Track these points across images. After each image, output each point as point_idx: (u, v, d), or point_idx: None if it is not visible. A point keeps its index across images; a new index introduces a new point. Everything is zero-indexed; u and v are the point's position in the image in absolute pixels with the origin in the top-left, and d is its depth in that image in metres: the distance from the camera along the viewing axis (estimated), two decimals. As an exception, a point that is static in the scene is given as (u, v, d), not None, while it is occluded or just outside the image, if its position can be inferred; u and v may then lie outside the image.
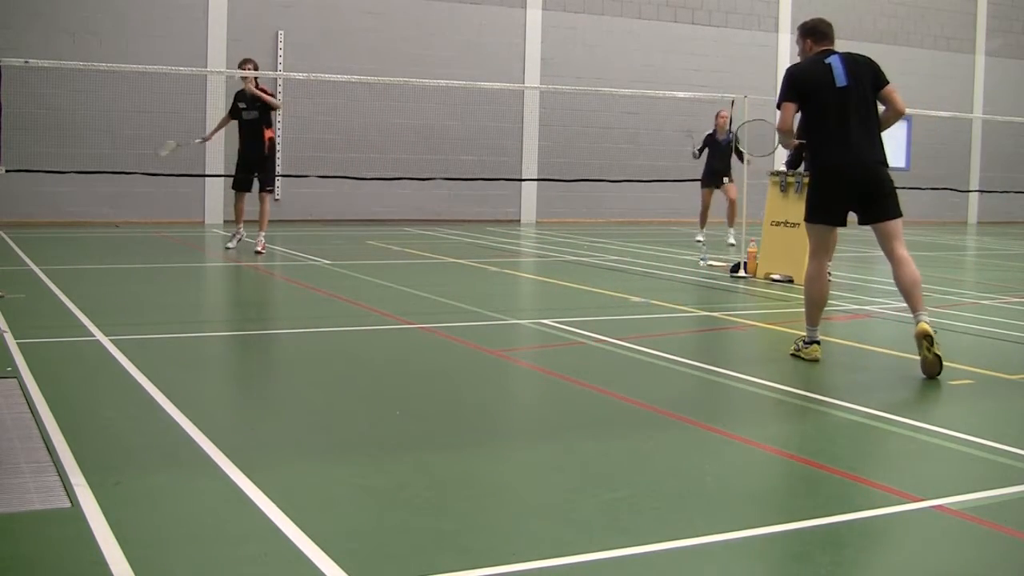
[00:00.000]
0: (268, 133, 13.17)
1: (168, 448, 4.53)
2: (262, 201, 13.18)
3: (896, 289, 6.78)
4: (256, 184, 13.20)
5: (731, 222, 15.96)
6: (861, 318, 9.01)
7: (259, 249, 12.92)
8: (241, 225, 13.38)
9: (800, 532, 3.70)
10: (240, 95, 13.14)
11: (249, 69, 13.05)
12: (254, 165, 13.12)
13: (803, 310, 7.09)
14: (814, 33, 7.06)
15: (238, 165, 13.26)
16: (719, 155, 15.42)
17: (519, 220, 20.55)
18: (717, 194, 16.06)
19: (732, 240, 15.68)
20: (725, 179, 15.41)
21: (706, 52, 22.44)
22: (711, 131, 16.02)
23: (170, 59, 16.75)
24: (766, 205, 11.61)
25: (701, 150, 15.98)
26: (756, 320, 8.72)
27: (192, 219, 17.91)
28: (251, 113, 12.99)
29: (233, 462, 4.25)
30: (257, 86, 13.15)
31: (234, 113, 13.20)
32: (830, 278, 11.40)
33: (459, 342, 7.30)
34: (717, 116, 16.03)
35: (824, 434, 5.20)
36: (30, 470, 4.09)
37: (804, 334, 6.93)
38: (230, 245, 13.31)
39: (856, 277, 12.06)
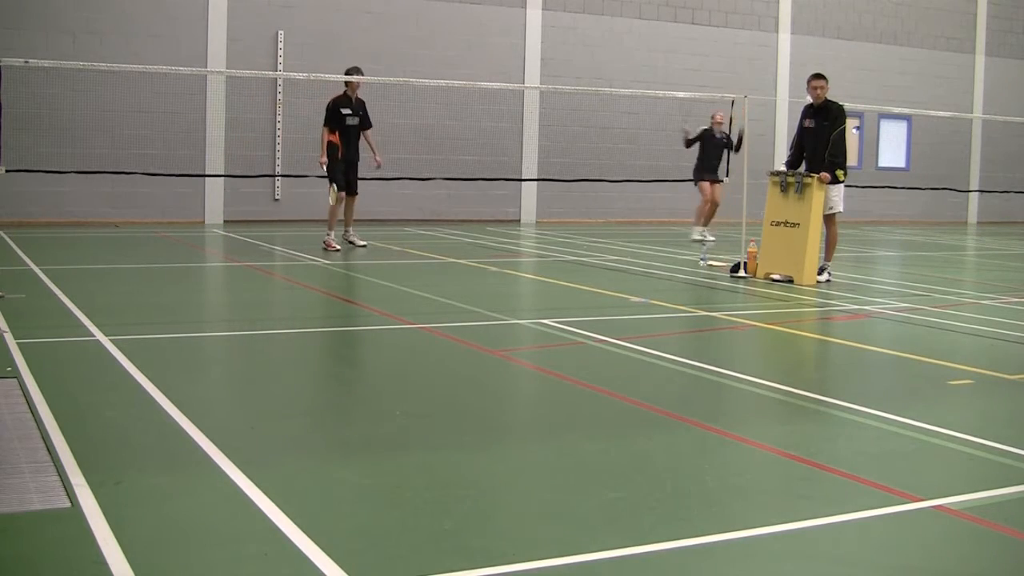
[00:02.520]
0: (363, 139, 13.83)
1: (168, 448, 4.53)
2: (351, 202, 13.96)
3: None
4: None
5: (707, 221, 16.39)
6: (861, 318, 9.02)
7: (359, 243, 13.91)
8: (350, 226, 14.07)
9: (800, 532, 3.70)
10: (344, 102, 13.57)
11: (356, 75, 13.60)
12: (348, 169, 13.67)
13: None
14: None
15: (344, 170, 13.64)
16: (713, 152, 16.11)
17: (519, 220, 20.55)
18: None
19: (700, 236, 16.07)
20: (722, 178, 15.75)
21: (706, 52, 22.44)
22: (708, 127, 16.43)
23: (170, 59, 16.75)
24: (766, 205, 11.61)
25: (692, 142, 16.39)
26: (756, 320, 8.72)
27: (192, 219, 17.90)
28: (354, 119, 13.57)
29: (233, 462, 4.25)
30: (356, 97, 13.68)
31: (337, 121, 13.51)
32: (830, 278, 11.49)
33: (459, 342, 7.30)
34: (713, 117, 16.44)
35: (824, 434, 5.20)
36: (30, 470, 4.09)
37: None
38: (360, 242, 13.98)
39: (856, 277, 12.05)
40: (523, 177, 20.07)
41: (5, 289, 8.76)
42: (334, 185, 13.51)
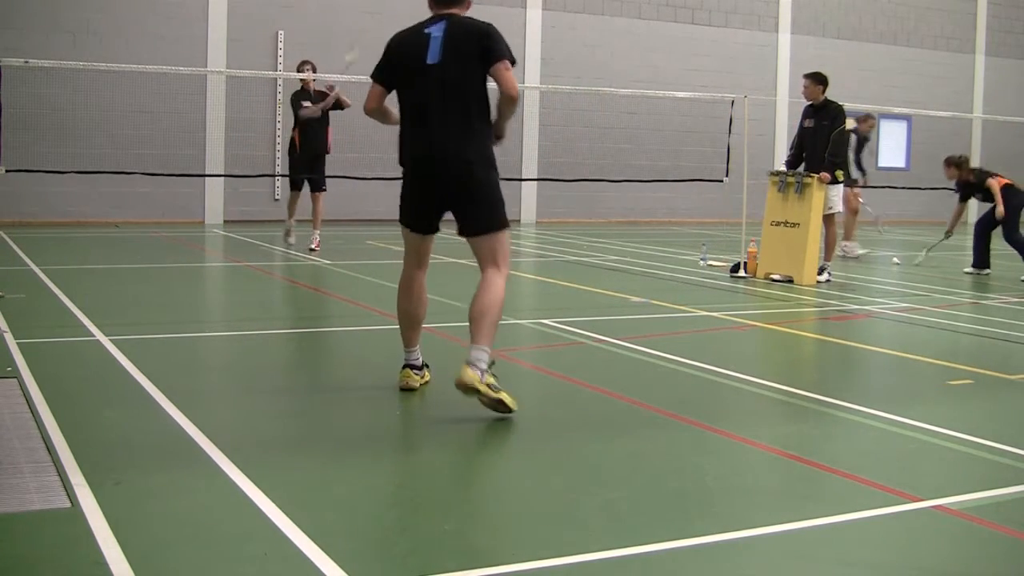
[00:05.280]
0: (329, 132, 13.47)
1: (168, 448, 4.53)
2: (316, 201, 13.42)
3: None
4: (307, 183, 13.45)
5: (849, 234, 14.60)
6: (861, 318, 9.02)
7: (313, 246, 13.23)
8: (294, 221, 13.63)
9: (800, 532, 3.70)
10: (303, 95, 13.26)
11: (308, 70, 13.32)
12: (312, 164, 13.31)
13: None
14: None
15: (299, 164, 13.36)
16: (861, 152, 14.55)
17: (519, 220, 20.54)
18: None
19: (859, 251, 14.50)
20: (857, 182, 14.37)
21: (706, 52, 22.44)
22: (855, 127, 14.61)
23: (170, 59, 16.75)
24: (766, 205, 11.62)
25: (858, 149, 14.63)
26: (756, 320, 8.72)
27: (192, 219, 17.91)
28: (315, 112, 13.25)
29: (233, 462, 4.25)
30: (314, 89, 13.40)
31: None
32: (830, 278, 11.48)
33: (459, 342, 7.29)
34: (867, 120, 14.96)
35: (824, 434, 5.20)
36: (30, 470, 4.09)
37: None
38: (292, 241, 13.59)
39: (856, 277, 12.06)
40: (523, 177, 20.07)
41: (5, 289, 8.76)
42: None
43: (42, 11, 16.83)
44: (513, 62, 5.32)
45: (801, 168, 11.44)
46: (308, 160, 13.28)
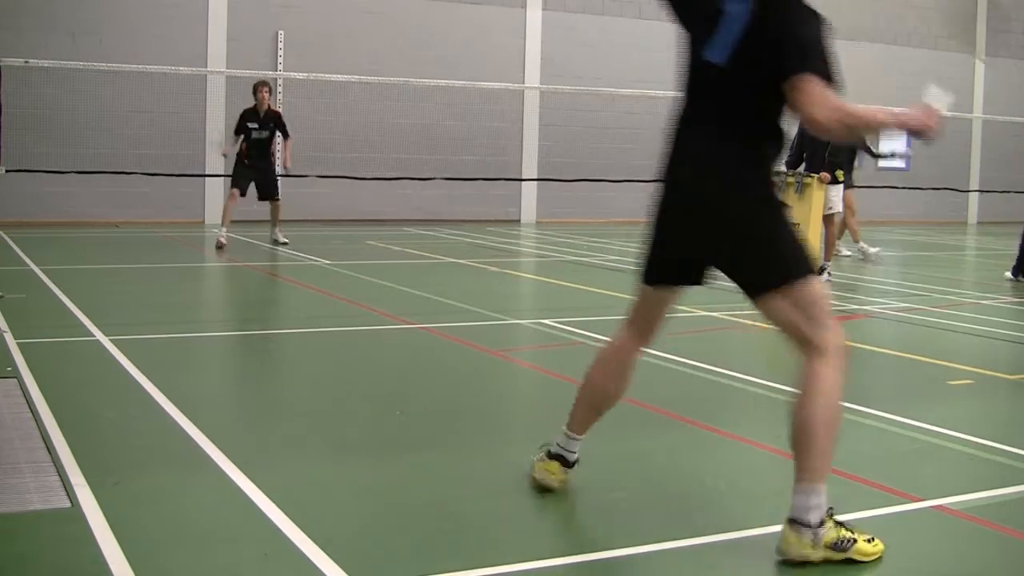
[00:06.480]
0: (272, 151, 13.91)
1: (168, 448, 4.53)
2: (275, 207, 13.97)
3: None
4: (255, 190, 13.74)
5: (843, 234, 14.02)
6: (861, 318, 9.01)
7: (282, 240, 13.83)
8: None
9: (800, 532, 3.69)
10: (251, 115, 13.43)
11: (265, 91, 13.57)
12: (258, 180, 13.65)
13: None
14: None
15: (243, 176, 13.58)
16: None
17: (519, 220, 20.55)
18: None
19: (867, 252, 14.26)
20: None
21: (706, 52, 22.42)
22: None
23: (170, 59, 16.74)
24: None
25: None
26: (756, 320, 8.70)
27: (192, 219, 17.90)
28: (261, 133, 13.47)
29: (233, 462, 4.25)
30: (270, 108, 13.63)
31: (244, 133, 13.50)
32: (829, 278, 11.46)
33: (459, 342, 7.29)
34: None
35: (824, 434, 5.19)
36: (30, 470, 4.09)
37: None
38: (225, 241, 13.44)
39: (856, 277, 12.05)
40: (523, 177, 20.07)
41: (5, 289, 8.76)
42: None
43: (41, 11, 16.82)
44: (829, 79, 3.40)
45: (801, 168, 11.45)
46: (255, 173, 13.56)
